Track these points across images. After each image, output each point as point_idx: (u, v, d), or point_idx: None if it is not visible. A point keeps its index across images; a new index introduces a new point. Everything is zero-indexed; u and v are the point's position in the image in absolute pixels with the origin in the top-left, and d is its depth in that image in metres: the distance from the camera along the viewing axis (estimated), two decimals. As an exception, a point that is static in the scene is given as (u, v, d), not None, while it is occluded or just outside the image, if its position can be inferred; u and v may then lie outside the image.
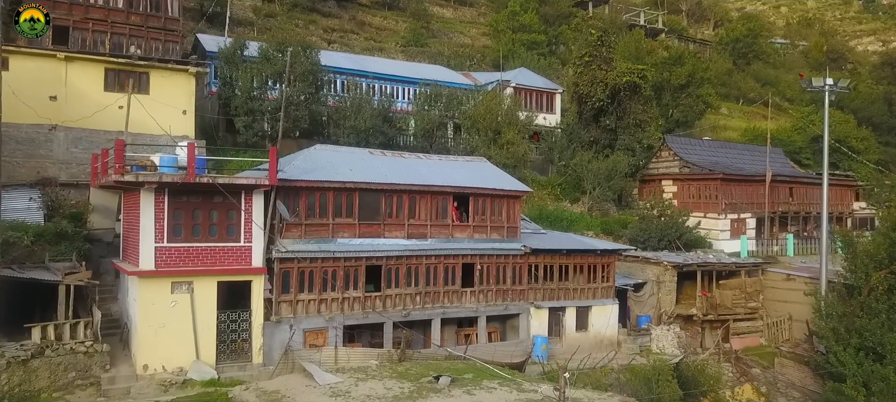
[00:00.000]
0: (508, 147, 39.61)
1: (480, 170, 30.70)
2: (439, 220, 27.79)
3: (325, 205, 25.32)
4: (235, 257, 23.67)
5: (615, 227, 41.73)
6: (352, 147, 30.36)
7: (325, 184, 25.06)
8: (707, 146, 48.64)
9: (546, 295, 30.33)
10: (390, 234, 26.63)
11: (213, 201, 23.20)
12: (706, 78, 57.58)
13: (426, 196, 27.37)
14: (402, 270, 26.70)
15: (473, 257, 28.33)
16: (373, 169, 27.22)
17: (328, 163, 26.52)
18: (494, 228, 29.10)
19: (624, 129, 46.14)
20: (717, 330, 35.62)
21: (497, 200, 29.13)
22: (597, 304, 31.63)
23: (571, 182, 44.14)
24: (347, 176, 25.80)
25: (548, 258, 30.29)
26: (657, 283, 35.58)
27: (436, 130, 39.80)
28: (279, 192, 24.24)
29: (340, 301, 25.39)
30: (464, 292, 28.27)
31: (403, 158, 29.80)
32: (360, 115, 37.15)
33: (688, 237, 40.48)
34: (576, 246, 31.10)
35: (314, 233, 25.08)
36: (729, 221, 43.61)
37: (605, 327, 31.88)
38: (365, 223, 26.06)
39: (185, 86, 33.80)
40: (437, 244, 27.49)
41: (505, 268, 29.21)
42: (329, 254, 25.01)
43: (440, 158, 31.53)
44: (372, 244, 26.05)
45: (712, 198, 43.72)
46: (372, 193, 26.15)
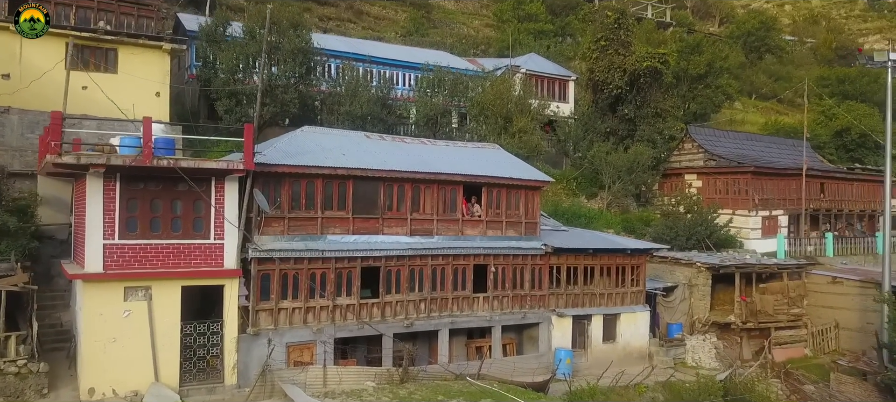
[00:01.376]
0: (520, 136, 35.34)
1: (494, 157, 26.42)
2: (447, 214, 23.50)
3: (313, 195, 21.04)
4: (204, 256, 19.37)
5: (637, 225, 37.44)
6: (344, 131, 26.01)
7: (312, 170, 20.76)
8: (732, 138, 44.38)
9: (569, 301, 26.04)
10: (390, 230, 22.34)
11: (176, 190, 18.91)
12: (725, 68, 53.33)
13: (432, 186, 23.08)
14: (404, 272, 22.40)
15: (487, 258, 24.05)
16: (370, 154, 22.94)
17: (317, 146, 22.23)
18: (511, 223, 24.80)
19: (643, 118, 41.87)
20: (757, 340, 31.35)
21: (514, 191, 24.84)
22: (626, 311, 27.35)
23: (588, 176, 39.86)
24: (339, 161, 21.51)
25: (571, 259, 26.00)
26: (689, 286, 31.29)
27: (439, 118, 35.49)
28: (257, 179, 19.96)
29: (331, 310, 21.09)
30: (476, 299, 23.97)
31: (405, 144, 25.52)
32: (356, 100, 32.89)
33: (718, 236, 36.20)
34: (603, 245, 26.79)
35: (299, 228, 20.78)
36: (760, 218, 39.36)
37: (635, 338, 27.60)
38: (360, 217, 21.77)
39: (159, 65, 29.52)
40: (444, 242, 23.20)
41: (523, 270, 24.92)
42: (317, 253, 20.71)
43: (447, 143, 27.24)
44: (368, 242, 21.75)
45: (742, 193, 39.46)
46: (368, 182, 21.86)
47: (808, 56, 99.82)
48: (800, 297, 31.71)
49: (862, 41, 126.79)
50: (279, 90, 31.49)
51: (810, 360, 30.83)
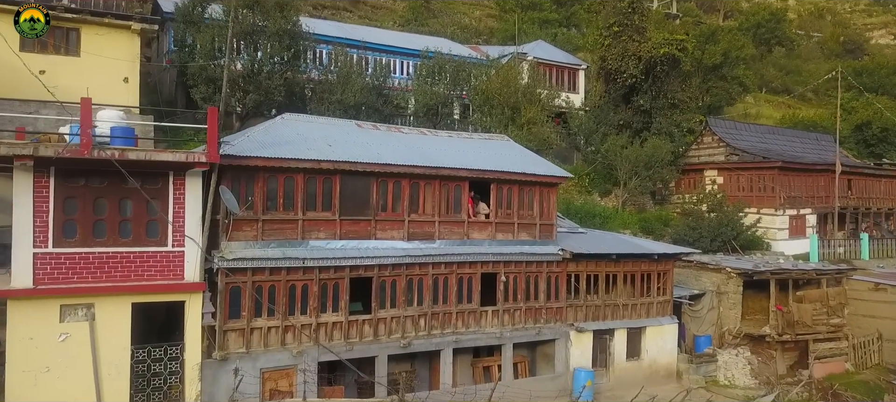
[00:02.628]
0: (529, 128, 31.92)
1: (503, 150, 23.00)
2: (450, 214, 20.09)
3: (293, 193, 17.61)
4: (159, 267, 15.97)
5: (656, 225, 34.04)
6: (332, 119, 22.52)
7: (291, 163, 17.32)
8: (754, 131, 40.93)
9: (589, 314, 22.65)
10: (384, 233, 18.93)
11: (125, 188, 15.51)
12: (742, 58, 49.94)
13: (433, 182, 19.67)
14: (401, 283, 18.99)
15: (496, 265, 20.65)
16: (361, 146, 19.51)
17: (298, 136, 18.80)
18: (523, 225, 21.39)
19: (659, 110, 38.46)
20: (791, 352, 27.98)
21: (527, 188, 21.42)
22: (652, 323, 23.96)
23: (601, 172, 36.45)
24: (324, 153, 18.07)
25: (592, 266, 22.60)
26: (717, 294, 27.90)
27: (440, 108, 32.06)
28: (225, 174, 16.54)
29: (314, 328, 17.67)
30: (484, 312, 20.57)
31: (402, 134, 22.08)
32: (349, 88, 29.44)
33: (745, 238, 32.81)
34: (627, 249, 23.37)
35: (276, 232, 17.36)
36: (787, 217, 35.96)
37: (662, 353, 24.22)
38: (349, 219, 18.35)
39: (127, 47, 26.07)
40: (447, 248, 19.80)
41: (537, 279, 21.52)
42: (298, 262, 17.28)
43: (450, 134, 23.79)
44: (358, 248, 18.34)
45: (768, 190, 36.03)
46: (359, 178, 18.43)
47: (815, 50, 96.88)
48: (840, 305, 28.30)
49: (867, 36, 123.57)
50: (263, 76, 28.08)
51: (852, 376, 27.44)
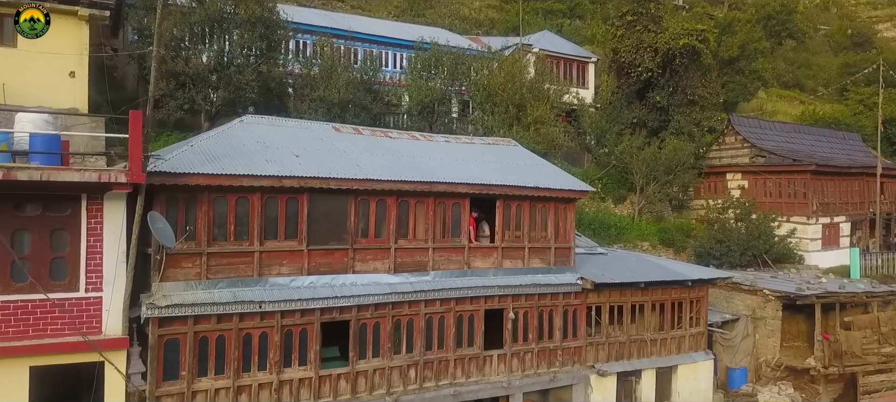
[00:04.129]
0: (536, 128, 28.07)
1: (510, 158, 19.13)
2: (447, 239, 16.25)
3: (247, 218, 13.76)
4: (68, 318, 12.15)
5: (677, 236, 30.26)
6: (305, 121, 18.60)
7: (245, 181, 13.46)
8: (779, 130, 37.04)
9: (613, 352, 18.86)
10: (365, 266, 15.09)
11: (20, 216, 11.67)
12: (760, 50, 46.02)
13: (426, 201, 15.82)
14: (386, 326, 15.17)
15: (503, 299, 16.84)
16: (337, 156, 15.64)
17: (258, 145, 14.93)
18: (536, 250, 17.55)
19: (677, 107, 34.63)
20: (835, 385, 24.23)
21: (539, 205, 17.57)
22: (685, 360, 20.19)
23: (615, 176, 32.61)
24: (289, 166, 14.20)
25: (617, 296, 18.79)
26: (753, 320, 24.11)
27: (437, 106, 28.16)
28: (156, 196, 12.72)
29: (275, 388, 13.85)
30: (488, 358, 16.76)
31: (390, 140, 18.18)
32: (332, 82, 25.54)
33: (777, 251, 29.02)
34: (658, 276, 19.54)
35: (226, 269, 13.51)
36: (820, 226, 32.16)
37: (696, 395, 20.44)
38: (320, 249, 14.50)
39: (74, 37, 21.81)
40: (444, 281, 15.97)
41: (552, 314, 17.71)
42: (253, 306, 13.45)
43: (447, 139, 19.89)
44: (332, 285, 14.51)
45: (798, 196, 32.22)
46: (333, 197, 14.59)
47: (822, 43, 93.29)
48: (893, 332, 24.55)
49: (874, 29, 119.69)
50: (233, 70, 24.20)
51: (907, 413, 23.71)
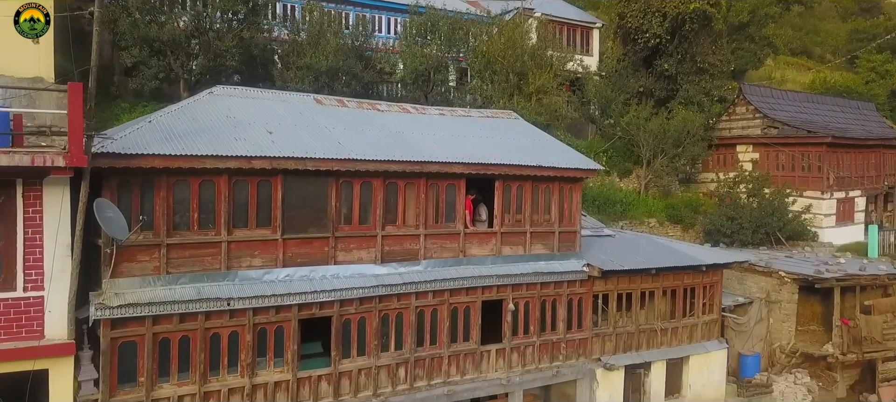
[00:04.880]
0: (538, 98, 26.27)
1: (511, 132, 17.37)
2: (441, 225, 14.60)
3: (213, 204, 12.09)
4: (5, 320, 10.55)
5: (685, 212, 28.65)
6: (283, 92, 16.77)
7: (208, 162, 11.75)
8: (792, 100, 35.16)
9: (620, 344, 17.36)
10: (348, 255, 13.45)
11: (-55, 204, 10.01)
12: (771, 15, 43.83)
13: (417, 182, 14.14)
14: (372, 321, 13.61)
15: (502, 289, 15.26)
16: (317, 132, 13.92)
17: (227, 120, 13.19)
18: (538, 235, 15.92)
19: (686, 75, 32.74)
20: (852, 371, 22.82)
21: (543, 186, 15.90)
22: (697, 350, 18.71)
23: (621, 149, 30.87)
24: (260, 145, 12.48)
25: (625, 283, 17.22)
26: (767, 303, 22.59)
27: (433, 74, 26.32)
28: (107, 181, 11.05)
29: (248, 393, 12.32)
30: (485, 353, 15.24)
31: (379, 113, 16.41)
32: (320, 49, 23.68)
33: (791, 228, 27.43)
34: (670, 261, 17.95)
35: (189, 261, 11.88)
36: (835, 201, 30.52)
37: (708, 387, 19.01)
38: (297, 237, 12.86)
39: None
40: (437, 270, 14.37)
41: (555, 304, 16.16)
42: (220, 304, 11.85)
43: (442, 112, 18.09)
44: (311, 278, 12.90)
45: (813, 170, 30.52)
46: (311, 180, 12.90)
47: (830, 9, 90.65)
48: (914, 316, 23.05)
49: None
50: (212, 36, 22.35)
51: (927, 401, 22.30)
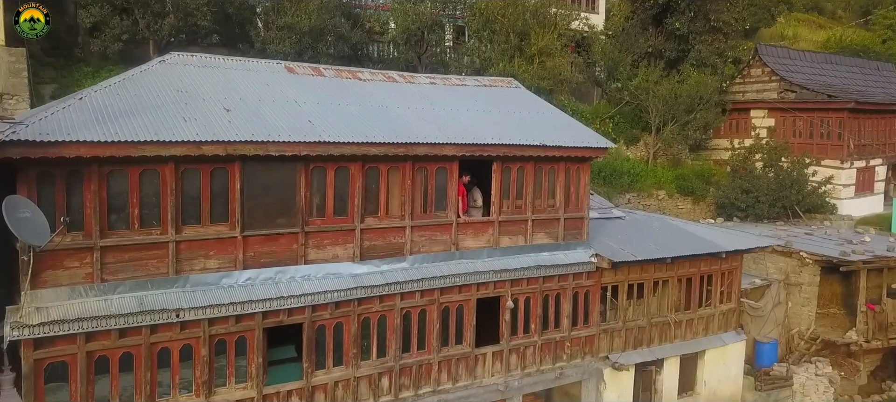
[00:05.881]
0: (541, 61, 24.07)
1: (511, 103, 15.29)
2: (430, 214, 12.65)
3: (156, 198, 10.13)
4: None
5: (696, 184, 26.70)
6: (249, 60, 14.61)
7: (148, 149, 9.72)
8: (809, 61, 32.87)
9: (630, 340, 15.59)
10: (321, 252, 11.53)
11: None
12: (786, -31, 41.29)
13: (403, 166, 12.14)
14: (350, 327, 11.77)
15: (499, 285, 13.39)
16: (285, 108, 11.86)
17: (176, 95, 11.12)
18: (541, 223, 13.98)
19: (698, 35, 30.40)
20: (871, 356, 21.16)
21: (547, 166, 13.90)
22: (713, 343, 16.96)
23: (628, 115, 28.74)
24: (214, 127, 10.44)
25: (636, 273, 15.37)
26: (786, 285, 20.81)
27: (426, 34, 24.07)
28: (20, 174, 9.07)
29: (204, 415, 10.57)
30: (481, 357, 13.46)
31: (359, 83, 14.29)
32: (302, 6, 21.42)
33: (810, 201, 25.51)
34: (687, 248, 16.05)
35: (128, 266, 9.96)
36: (854, 170, 28.54)
37: (725, 382, 17.32)
38: (259, 234, 10.92)
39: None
40: (425, 267, 12.47)
41: (559, 299, 14.33)
42: (168, 316, 9.99)
43: (433, 81, 15.94)
44: (277, 281, 11.02)
45: (833, 137, 28.47)
46: (275, 166, 10.90)
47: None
48: (943, 299, 21.29)
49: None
50: (182, -9, 20.17)
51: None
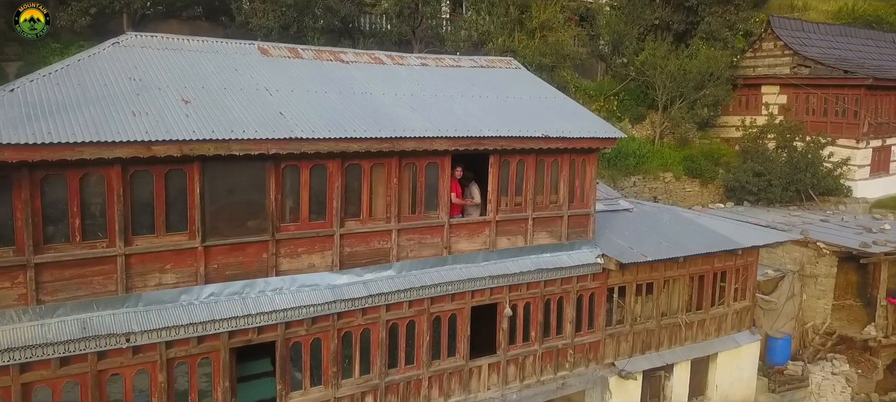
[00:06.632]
0: (543, 36, 22.51)
1: (510, 89, 13.82)
2: (419, 215, 11.28)
3: (101, 206, 8.75)
4: None
5: (705, 165, 25.30)
6: (218, 41, 13.04)
7: (85, 151, 8.30)
8: (823, 33, 31.18)
9: (638, 344, 14.35)
10: (295, 262, 10.19)
11: None
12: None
13: (388, 162, 10.73)
14: (329, 343, 10.49)
15: (497, 291, 12.08)
16: (252, 98, 10.43)
17: (128, 83, 9.68)
18: (543, 222, 12.62)
19: (708, 6, 28.72)
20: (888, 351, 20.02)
21: (550, 160, 12.49)
22: (726, 345, 15.75)
23: (634, 91, 27.20)
24: (168, 122, 9.01)
25: (646, 272, 14.07)
26: (800, 277, 19.55)
27: (421, 6, 22.47)
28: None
29: (162, 448, 9.31)
30: (476, 369, 12.21)
31: (342, 66, 12.79)
32: (286, -24, 19.86)
33: (825, 185, 24.16)
34: (701, 245, 14.73)
35: (69, 285, 8.63)
36: (870, 151, 27.11)
37: (738, 385, 16.16)
38: (224, 244, 9.57)
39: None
40: (413, 275, 11.14)
41: (562, 303, 13.04)
42: (116, 341, 8.68)
43: (425, 61, 14.41)
44: (245, 296, 9.70)
45: (848, 115, 26.94)
46: (241, 166, 9.49)
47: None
48: (968, 291, 20.06)
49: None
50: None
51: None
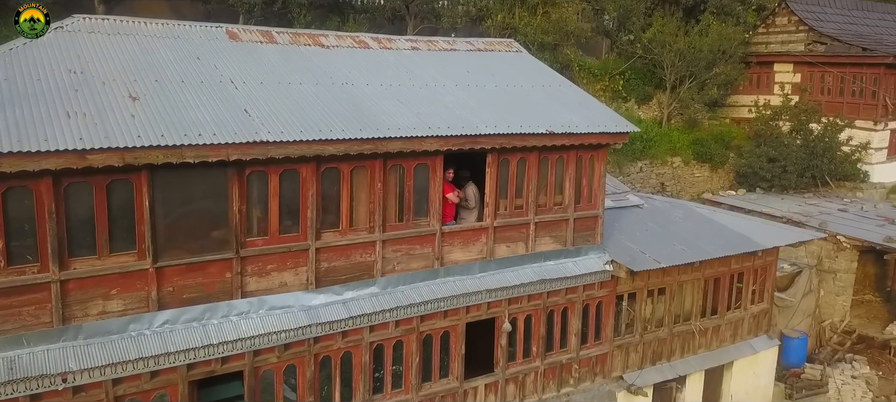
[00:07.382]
0: (546, 12, 21.00)
1: (510, 76, 12.38)
2: (408, 223, 9.95)
3: (28, 224, 7.42)
4: None
5: (715, 149, 23.90)
6: (178, 25, 11.53)
7: (16, 162, 6.96)
8: (841, 8, 29.48)
9: (648, 354, 13.13)
10: (264, 281, 8.88)
11: None
12: None
13: (370, 164, 9.38)
14: (304, 370, 9.24)
15: (495, 305, 10.81)
16: (214, 93, 9.04)
17: (67, 76, 8.31)
18: (546, 226, 11.30)
19: (719, -21, 27.18)
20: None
21: (554, 157, 11.13)
22: (742, 352, 14.54)
23: (641, 70, 25.70)
24: (109, 126, 7.64)
25: (657, 278, 12.80)
26: (819, 272, 18.31)
27: (416, -18, 20.97)
28: None
29: None
30: (471, 390, 10.99)
31: (321, 51, 11.37)
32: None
33: (844, 170, 22.81)
34: (718, 247, 13.41)
35: (-6, 318, 7.36)
36: (888, 133, 25.72)
37: (754, 393, 14.98)
38: (180, 264, 8.25)
39: None
40: (400, 291, 9.85)
41: (567, 314, 11.79)
42: (52, 381, 7.42)
43: (415, 45, 12.92)
44: (206, 323, 8.42)
45: (866, 96, 25.48)
46: (199, 174, 8.14)
47: None
48: None
49: None
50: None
51: None
